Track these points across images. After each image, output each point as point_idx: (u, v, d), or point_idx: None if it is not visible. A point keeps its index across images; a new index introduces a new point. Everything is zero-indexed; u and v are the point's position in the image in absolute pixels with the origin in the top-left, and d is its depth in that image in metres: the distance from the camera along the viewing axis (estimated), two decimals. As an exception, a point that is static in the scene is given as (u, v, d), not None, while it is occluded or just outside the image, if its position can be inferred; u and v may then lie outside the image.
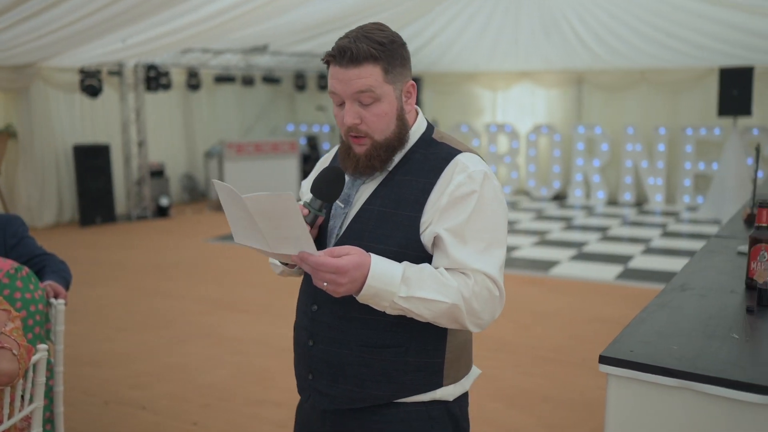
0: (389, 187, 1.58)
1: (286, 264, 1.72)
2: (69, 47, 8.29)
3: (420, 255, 1.54)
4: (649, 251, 7.78)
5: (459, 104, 12.69)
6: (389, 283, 1.44)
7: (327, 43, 11.31)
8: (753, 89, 9.39)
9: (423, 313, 1.48)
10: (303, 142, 12.83)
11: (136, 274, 7.03)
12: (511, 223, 9.60)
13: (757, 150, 3.03)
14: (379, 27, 1.56)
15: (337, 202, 1.64)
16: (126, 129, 10.30)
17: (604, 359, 1.45)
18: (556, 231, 9.00)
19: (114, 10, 6.82)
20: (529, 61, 11.71)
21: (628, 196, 11.08)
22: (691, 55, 10.28)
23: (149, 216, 10.35)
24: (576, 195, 11.39)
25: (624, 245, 8.13)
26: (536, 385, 4.21)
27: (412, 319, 1.53)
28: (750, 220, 2.96)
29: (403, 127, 1.58)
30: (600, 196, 11.25)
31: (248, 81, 12.01)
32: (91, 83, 9.40)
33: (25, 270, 2.52)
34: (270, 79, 12.30)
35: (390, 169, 1.60)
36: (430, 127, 1.67)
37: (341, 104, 1.56)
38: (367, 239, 1.55)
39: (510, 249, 7.92)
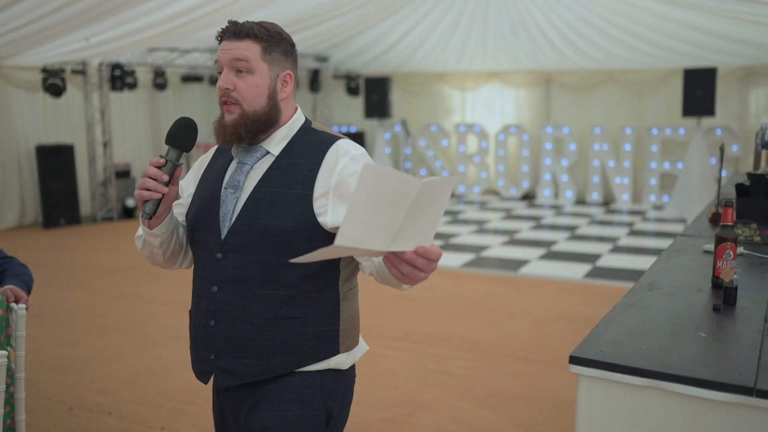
0: (278, 170, 1.72)
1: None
2: (30, 46, 8.12)
3: (315, 231, 1.66)
4: (617, 250, 7.87)
5: (428, 104, 12.72)
6: None
7: (296, 42, 11.23)
8: (716, 90, 9.58)
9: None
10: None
11: (101, 277, 6.91)
12: (480, 222, 9.65)
13: (722, 150, 3.07)
14: (272, 23, 1.78)
15: (227, 188, 1.75)
16: (91, 129, 10.12)
17: (574, 359, 1.45)
18: (525, 230, 9.06)
19: (76, 9, 6.70)
20: (497, 62, 11.78)
21: (595, 196, 11.21)
22: (655, 56, 10.44)
23: (115, 217, 10.19)
24: (545, 194, 11.48)
25: (592, 244, 8.21)
26: (507, 384, 4.23)
27: (307, 291, 1.68)
28: (715, 219, 3.00)
29: (273, 107, 1.73)
30: (568, 195, 11.36)
31: (215, 80, 11.86)
32: (54, 82, 9.23)
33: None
34: (238, 79, 12.19)
35: (275, 154, 1.74)
36: (308, 120, 1.84)
37: (221, 72, 1.72)
38: (262, 218, 1.68)
39: (480, 248, 7.95)
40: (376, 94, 11.54)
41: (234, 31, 1.71)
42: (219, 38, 1.73)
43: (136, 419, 3.75)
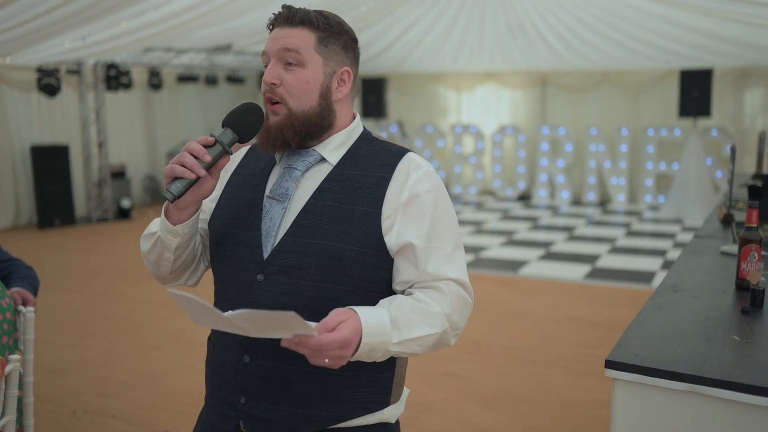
0: (338, 182, 1.46)
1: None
2: (26, 45, 8.04)
3: (380, 257, 1.42)
4: (615, 250, 7.88)
5: (424, 105, 12.71)
6: (382, 333, 1.31)
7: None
8: (712, 91, 9.61)
9: (415, 351, 1.38)
10: (267, 142, 12.68)
11: (98, 278, 6.85)
12: (477, 223, 9.64)
13: (733, 151, 3.06)
14: (336, 15, 1.53)
15: (271, 197, 1.49)
16: (86, 129, 10.05)
17: (610, 364, 1.43)
18: (522, 231, 9.06)
19: (71, 9, 6.63)
20: (493, 62, 11.78)
21: (591, 196, 11.22)
22: (651, 57, 10.47)
23: (110, 218, 10.12)
24: (541, 195, 11.49)
25: (590, 245, 8.22)
26: (512, 386, 4.21)
27: None
28: (727, 220, 2.99)
29: (326, 108, 1.47)
30: (564, 195, 11.37)
31: (211, 81, 11.84)
32: (49, 82, 9.15)
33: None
34: (234, 79, 12.15)
35: (333, 163, 1.49)
36: (367, 129, 1.59)
37: (267, 65, 1.48)
38: (320, 237, 1.41)
39: (478, 249, 7.94)
40: (372, 95, 11.52)
41: (287, 17, 1.45)
42: (270, 26, 1.49)
43: (140, 422, 3.70)
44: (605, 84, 11.40)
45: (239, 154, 1.66)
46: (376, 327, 1.30)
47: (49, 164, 9.34)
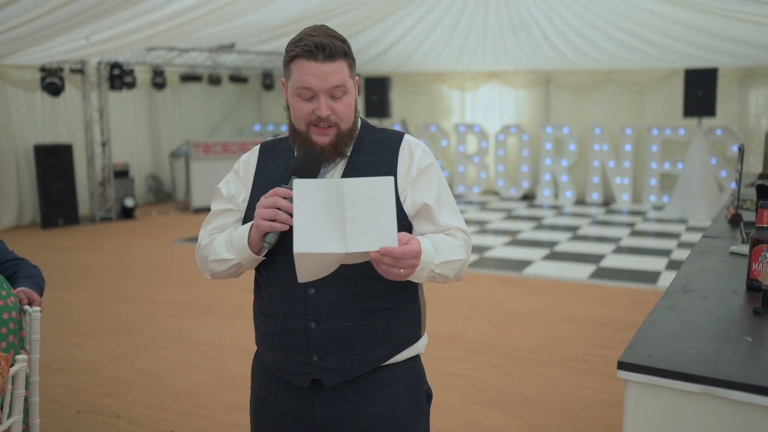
0: (356, 171, 1.74)
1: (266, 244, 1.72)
2: (29, 45, 8.04)
3: (404, 223, 1.71)
4: (619, 250, 7.85)
5: (427, 104, 12.69)
6: (430, 254, 1.61)
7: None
8: (717, 90, 9.58)
9: (448, 273, 1.69)
10: (270, 142, 12.65)
11: (101, 278, 6.84)
12: (481, 223, 9.62)
13: (741, 150, 3.04)
14: (330, 28, 1.73)
15: None
16: (89, 128, 10.05)
17: (623, 365, 1.41)
18: (526, 231, 9.04)
19: (74, 8, 6.63)
20: (497, 62, 11.76)
21: (595, 196, 11.20)
22: (656, 56, 10.44)
23: (114, 218, 10.12)
24: (544, 195, 11.47)
25: (594, 244, 8.20)
26: (517, 386, 4.19)
27: (397, 282, 1.68)
28: (735, 220, 2.97)
29: (356, 117, 1.78)
30: (568, 195, 11.35)
31: (215, 80, 11.83)
32: (52, 81, 9.15)
33: (-3, 276, 2.39)
34: (237, 78, 12.14)
35: (348, 155, 1.75)
36: (363, 118, 1.86)
37: (310, 98, 1.68)
38: None
39: (483, 249, 7.92)
40: (375, 94, 11.50)
41: (328, 54, 1.65)
42: (297, 56, 1.67)
43: (145, 422, 3.70)
44: (609, 83, 11.37)
45: (253, 156, 1.87)
46: (427, 248, 1.61)
47: (53, 163, 9.34)
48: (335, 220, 1.49)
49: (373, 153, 1.76)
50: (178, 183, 11.39)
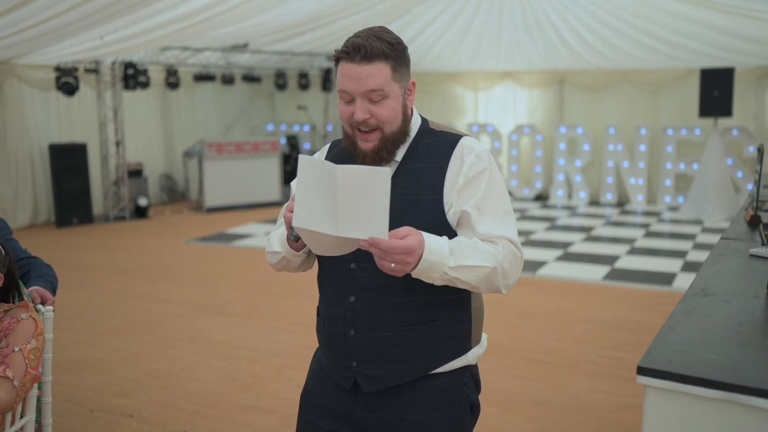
0: (404, 176, 1.70)
1: (294, 245, 1.75)
2: (44, 44, 8.08)
3: (446, 234, 1.65)
4: (634, 251, 7.79)
5: (440, 104, 12.65)
6: (440, 255, 1.55)
7: (308, 41, 11.24)
8: (733, 90, 9.48)
9: (469, 280, 1.61)
10: (283, 141, 12.69)
11: (115, 277, 6.87)
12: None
13: (760, 151, 2.99)
14: (386, 30, 1.68)
15: None
16: (103, 128, 10.10)
17: (642, 370, 1.38)
18: (540, 231, 8.99)
19: (89, 8, 6.65)
20: (510, 61, 11.71)
21: (609, 196, 11.12)
22: (671, 56, 10.34)
23: (127, 217, 10.16)
24: (558, 195, 11.40)
25: (608, 245, 8.13)
26: (530, 388, 4.16)
27: (441, 293, 1.69)
28: (754, 222, 2.93)
29: (406, 122, 1.72)
30: (582, 196, 11.27)
31: (228, 80, 11.84)
32: (67, 81, 9.20)
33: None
34: (250, 78, 12.15)
35: (398, 160, 1.72)
36: (425, 120, 1.80)
37: (350, 101, 1.66)
38: (393, 227, 1.59)
39: (495, 250, 7.87)
40: (388, 94, 11.45)
41: (364, 54, 1.62)
42: (339, 58, 1.66)
43: (157, 422, 3.69)
44: (624, 83, 11.28)
45: (321, 153, 1.90)
46: (436, 248, 1.55)
47: (67, 163, 9.40)
48: (330, 202, 1.49)
49: (424, 159, 1.72)
50: (191, 182, 11.43)
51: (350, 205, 1.47)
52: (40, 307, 2.50)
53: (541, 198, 11.74)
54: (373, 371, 1.75)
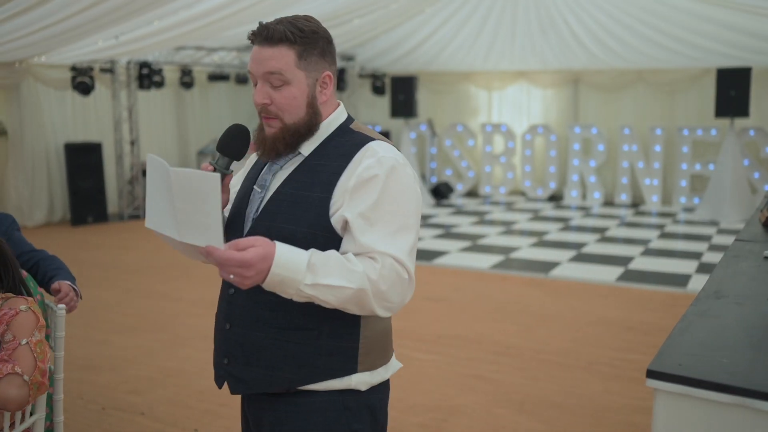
0: (303, 172, 1.63)
1: None
2: (60, 44, 8.15)
3: (329, 238, 1.57)
4: (648, 252, 7.73)
5: (454, 104, 12.62)
6: (295, 270, 1.45)
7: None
8: (750, 90, 9.38)
9: (329, 300, 1.49)
10: (297, 141, 12.69)
11: (129, 275, 6.91)
12: (507, 223, 9.54)
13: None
14: (307, 18, 1.64)
15: (255, 187, 1.70)
16: (118, 127, 10.16)
17: (652, 373, 1.37)
18: (553, 232, 8.94)
19: (105, 8, 6.70)
20: (524, 61, 11.66)
21: (624, 197, 11.04)
22: (688, 55, 10.26)
23: (142, 215, 10.21)
24: (572, 195, 11.34)
25: (622, 246, 8.08)
26: (543, 390, 4.13)
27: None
28: (769, 224, 2.89)
29: (313, 115, 1.64)
30: (596, 196, 11.20)
31: (242, 79, 11.88)
32: (83, 80, 9.27)
33: (23, 273, 2.41)
34: (264, 78, 12.16)
35: (305, 154, 1.65)
36: (349, 119, 1.72)
37: (256, 84, 1.63)
38: (279, 221, 1.60)
39: (508, 250, 7.85)
40: (401, 94, 11.46)
41: (266, 36, 1.57)
42: (250, 40, 1.64)
43: (169, 420, 3.71)
44: (639, 83, 11.20)
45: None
46: (289, 263, 1.44)
47: (83, 162, 9.47)
48: (171, 205, 1.44)
49: (329, 157, 1.63)
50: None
51: (187, 210, 1.41)
52: (51, 305, 2.52)
53: (555, 198, 11.68)
54: (241, 372, 1.65)
